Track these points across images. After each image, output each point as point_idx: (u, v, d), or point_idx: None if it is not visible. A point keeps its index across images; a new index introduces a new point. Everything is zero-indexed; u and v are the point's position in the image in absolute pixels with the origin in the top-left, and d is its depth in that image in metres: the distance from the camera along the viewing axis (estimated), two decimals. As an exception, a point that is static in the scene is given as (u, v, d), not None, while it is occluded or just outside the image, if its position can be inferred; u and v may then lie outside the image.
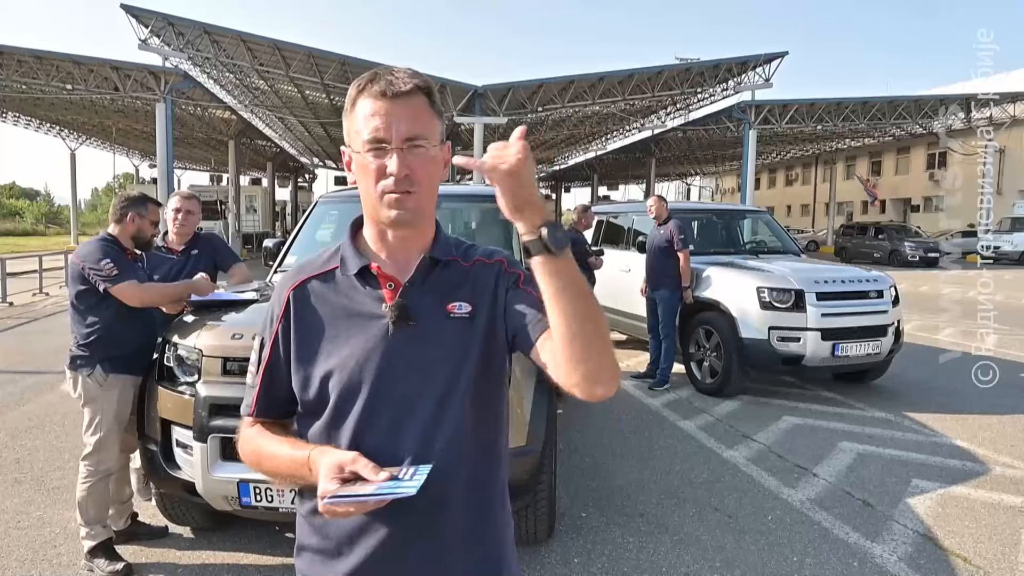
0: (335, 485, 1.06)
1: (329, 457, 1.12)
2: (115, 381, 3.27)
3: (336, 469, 1.09)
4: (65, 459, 4.76)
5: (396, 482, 1.06)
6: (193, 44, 21.88)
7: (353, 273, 1.23)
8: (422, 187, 1.17)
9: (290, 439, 1.24)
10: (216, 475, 2.90)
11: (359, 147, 1.16)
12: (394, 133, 1.13)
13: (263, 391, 1.28)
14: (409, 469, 1.11)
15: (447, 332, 1.20)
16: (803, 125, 28.76)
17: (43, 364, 7.86)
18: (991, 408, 6.31)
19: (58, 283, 16.01)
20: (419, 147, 1.15)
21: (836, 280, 6.65)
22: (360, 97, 1.17)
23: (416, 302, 1.20)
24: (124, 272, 3.20)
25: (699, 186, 63.55)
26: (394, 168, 1.13)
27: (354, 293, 1.23)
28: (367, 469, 1.07)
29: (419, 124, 1.15)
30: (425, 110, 1.17)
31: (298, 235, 4.92)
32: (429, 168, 1.17)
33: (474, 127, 23.72)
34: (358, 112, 1.17)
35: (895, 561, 3.44)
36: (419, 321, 1.20)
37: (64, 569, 3.30)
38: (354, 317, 1.21)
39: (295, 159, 46.23)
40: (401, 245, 1.23)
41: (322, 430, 1.22)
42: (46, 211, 74.89)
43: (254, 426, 1.29)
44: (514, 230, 4.77)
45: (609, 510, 4.02)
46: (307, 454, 1.16)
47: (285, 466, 1.21)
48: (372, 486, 1.04)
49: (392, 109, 1.14)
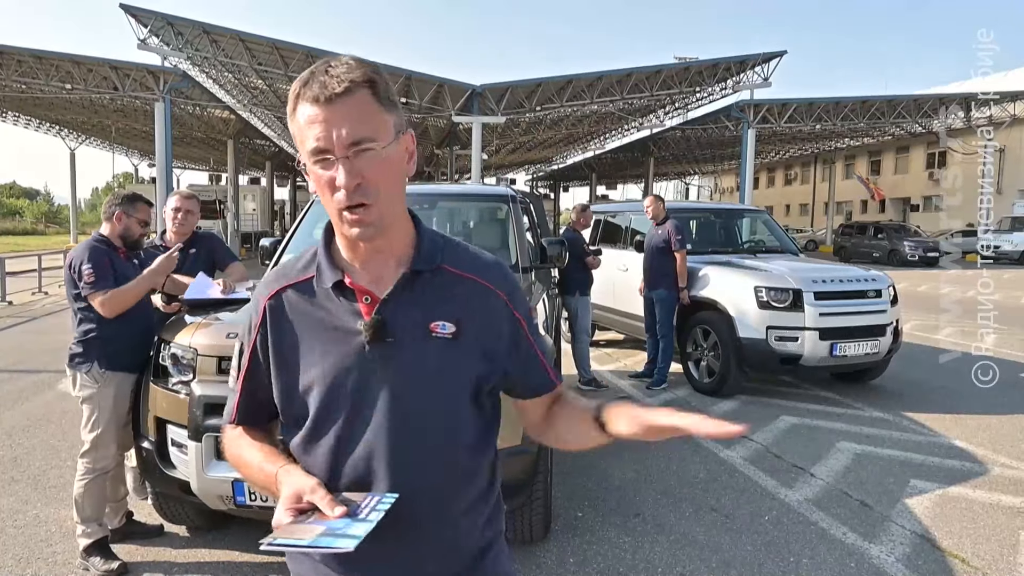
0: (289, 517, 1.02)
1: (291, 482, 1.08)
2: (112, 378, 3.29)
3: (294, 498, 1.04)
4: (62, 458, 4.75)
5: (347, 523, 1.00)
6: (192, 44, 21.87)
7: (328, 287, 1.15)
8: (380, 194, 1.06)
9: (266, 449, 1.20)
10: (211, 474, 2.90)
11: (306, 159, 1.07)
12: (336, 141, 1.03)
13: (243, 399, 1.24)
14: (373, 498, 1.06)
15: (428, 352, 1.13)
16: (802, 124, 28.76)
17: (41, 363, 7.86)
18: (990, 408, 6.30)
19: (57, 282, 15.97)
20: (368, 150, 1.04)
21: (834, 279, 6.65)
22: (298, 102, 1.06)
23: (395, 317, 1.13)
24: (100, 279, 3.17)
25: (698, 185, 63.58)
26: (342, 180, 1.03)
27: (330, 306, 1.16)
28: (324, 501, 1.03)
29: (363, 125, 1.04)
30: (369, 107, 1.05)
31: (294, 234, 4.92)
32: (383, 170, 1.06)
33: (472, 126, 23.72)
34: (299, 119, 1.06)
35: (892, 562, 3.43)
36: (397, 338, 1.13)
37: (60, 568, 3.29)
38: (331, 331, 1.15)
39: (294, 158, 46.06)
40: (374, 256, 1.15)
41: (301, 443, 1.18)
42: (46, 210, 75.04)
43: (237, 430, 1.26)
44: (512, 228, 4.71)
45: (605, 509, 4.01)
46: (275, 471, 1.13)
47: (255, 476, 1.18)
48: (310, 536, 0.98)
49: (330, 114, 1.03)
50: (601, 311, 8.56)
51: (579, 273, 6.90)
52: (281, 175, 47.55)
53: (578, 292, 6.97)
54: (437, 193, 5.27)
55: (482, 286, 1.19)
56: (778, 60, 24.54)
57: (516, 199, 5.22)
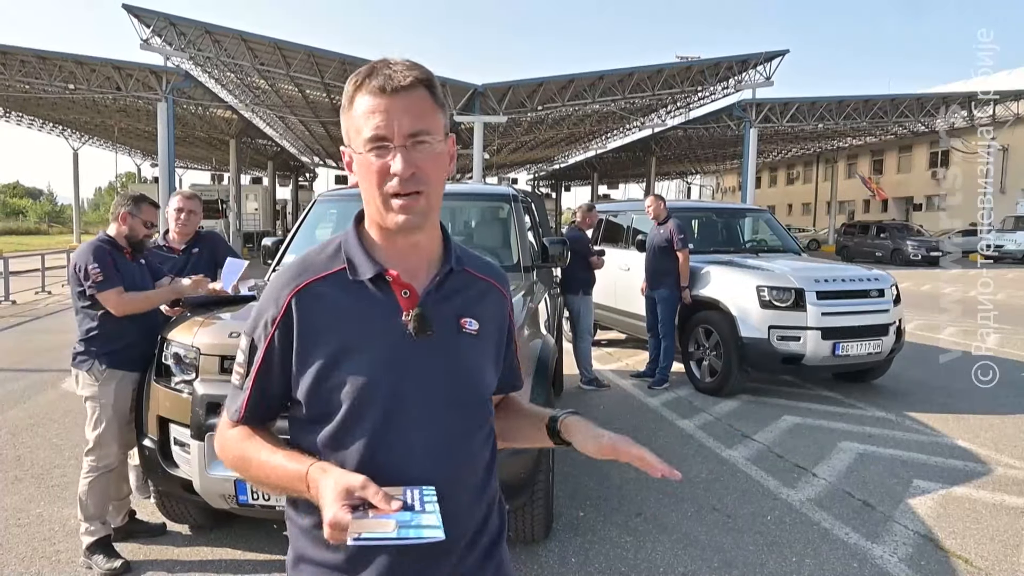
0: (345, 512, 0.98)
1: (334, 478, 1.02)
2: (113, 376, 3.31)
3: (345, 494, 0.99)
4: (65, 457, 4.76)
5: (412, 515, 0.99)
6: (194, 44, 21.92)
7: (367, 278, 1.15)
8: (431, 186, 1.12)
9: (284, 449, 1.15)
10: (213, 473, 2.90)
11: (360, 146, 1.10)
12: (396, 130, 1.07)
13: (253, 397, 1.20)
14: (413, 491, 1.04)
15: (460, 347, 1.19)
16: (804, 123, 28.71)
17: (44, 362, 7.88)
18: (993, 408, 6.29)
19: (60, 282, 16.03)
20: (424, 143, 1.09)
21: (837, 279, 6.63)
22: (358, 93, 1.10)
23: (432, 312, 1.16)
24: (109, 279, 3.22)
25: (700, 185, 63.50)
26: (399, 168, 1.07)
27: (365, 298, 1.15)
28: (378, 497, 0.99)
29: (422, 119, 1.10)
30: (427, 103, 1.11)
31: (297, 233, 4.93)
32: (436, 164, 1.12)
33: (474, 126, 23.72)
34: (357, 109, 1.10)
35: (895, 562, 3.42)
36: (437, 332, 1.16)
37: (63, 567, 3.30)
38: (367, 323, 1.14)
39: (296, 158, 46.29)
40: (412, 250, 1.17)
41: (329, 439, 1.15)
42: (49, 210, 75.17)
43: (238, 428, 1.21)
44: (513, 230, 4.71)
45: (607, 509, 4.01)
46: (305, 469, 1.07)
47: (277, 477, 1.12)
48: (391, 527, 0.96)
49: (393, 104, 1.08)
50: (603, 311, 8.56)
51: (582, 272, 6.90)
52: (283, 175, 47.60)
53: (581, 291, 6.97)
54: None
55: (495, 288, 1.29)
56: (780, 59, 24.51)
57: (518, 198, 5.21)
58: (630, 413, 6.04)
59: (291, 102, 29.27)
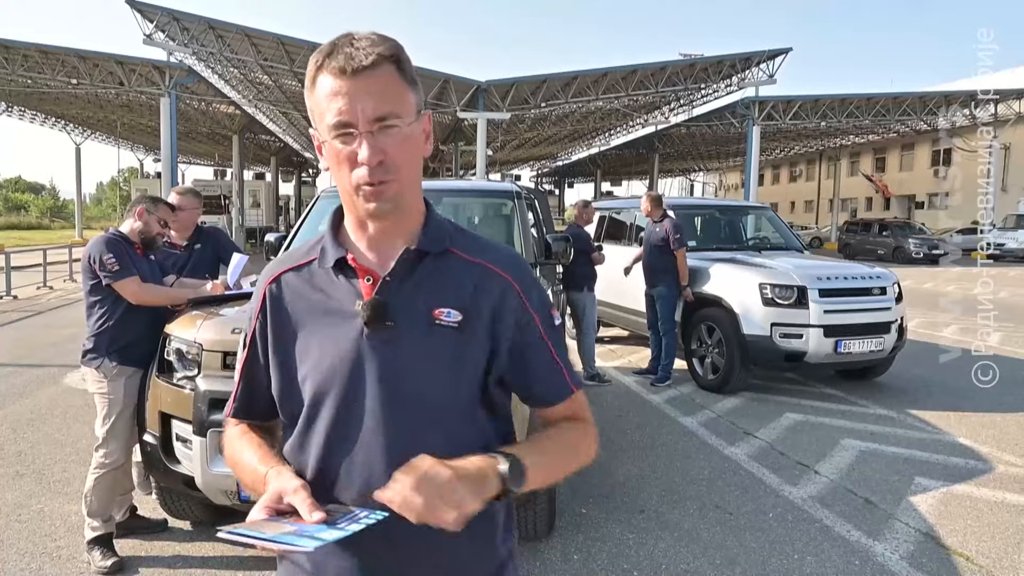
0: (263, 515, 0.95)
1: (275, 483, 1.00)
2: (123, 373, 3.32)
3: (274, 497, 0.98)
4: (67, 453, 4.76)
5: (321, 528, 0.92)
6: (198, 39, 21.89)
7: (330, 265, 1.08)
8: (401, 171, 1.02)
9: (263, 450, 1.12)
10: (215, 470, 2.90)
11: (325, 133, 1.02)
12: (360, 115, 0.98)
13: (241, 390, 1.18)
14: (361, 512, 0.96)
15: (430, 341, 1.05)
16: (807, 121, 28.66)
17: (46, 357, 7.88)
18: (995, 406, 6.28)
19: (62, 277, 16.06)
20: (392, 127, 1.00)
21: (839, 277, 6.63)
22: (319, 74, 1.01)
23: (397, 301, 1.05)
24: (125, 268, 3.26)
25: (703, 182, 63.48)
26: (365, 156, 0.98)
27: (330, 287, 1.09)
28: (304, 504, 0.95)
29: (388, 101, 0.99)
30: (394, 82, 1.01)
31: (300, 229, 4.92)
32: (406, 148, 1.02)
33: (477, 122, 23.70)
34: (319, 92, 1.01)
35: (897, 560, 3.42)
36: (398, 323, 1.05)
37: (64, 562, 3.30)
38: (329, 315, 1.07)
39: (299, 154, 46.27)
40: (383, 236, 1.08)
41: (294, 442, 1.10)
42: (51, 205, 75.25)
43: (237, 427, 1.19)
44: (517, 225, 4.70)
45: (609, 506, 4.01)
46: (265, 472, 1.05)
47: (248, 479, 1.10)
48: (274, 532, 0.91)
49: (355, 87, 0.98)
50: (605, 307, 8.55)
51: (586, 269, 6.90)
52: (286, 170, 47.60)
53: (586, 288, 6.97)
54: (442, 189, 5.26)
55: (495, 274, 1.10)
56: (783, 57, 24.46)
57: (521, 195, 5.21)
58: (633, 410, 6.04)
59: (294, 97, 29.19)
